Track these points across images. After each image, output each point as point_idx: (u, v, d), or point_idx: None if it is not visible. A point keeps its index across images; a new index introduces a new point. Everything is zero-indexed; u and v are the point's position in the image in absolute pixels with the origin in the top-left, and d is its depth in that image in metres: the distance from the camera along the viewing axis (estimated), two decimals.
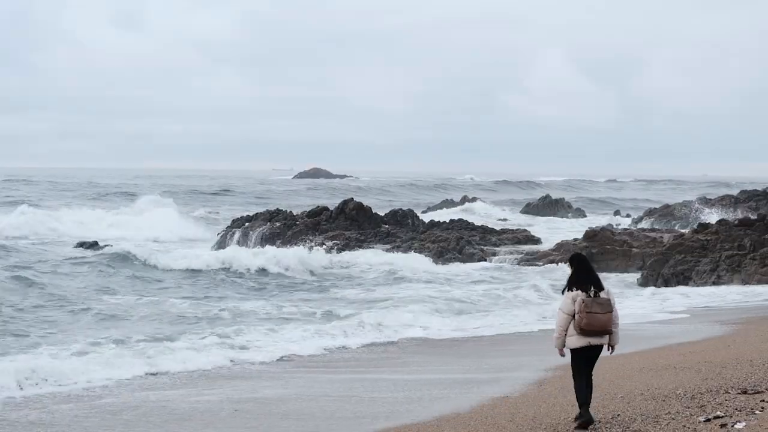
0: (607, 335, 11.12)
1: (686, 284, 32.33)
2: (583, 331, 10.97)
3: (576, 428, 11.22)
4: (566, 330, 11.08)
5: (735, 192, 62.87)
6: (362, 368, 17.39)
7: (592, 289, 11.09)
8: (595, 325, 10.94)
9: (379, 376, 16.41)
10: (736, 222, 37.23)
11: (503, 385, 14.82)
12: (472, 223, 46.52)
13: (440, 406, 13.33)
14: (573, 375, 11.33)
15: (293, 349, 19.16)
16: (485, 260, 38.52)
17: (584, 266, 11.33)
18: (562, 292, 11.32)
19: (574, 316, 11.01)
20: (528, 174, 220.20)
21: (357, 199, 48.62)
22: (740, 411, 11.50)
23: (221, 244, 43.35)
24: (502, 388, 14.47)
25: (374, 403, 13.81)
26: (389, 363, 18.01)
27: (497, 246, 41.75)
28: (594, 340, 11.06)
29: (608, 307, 11.03)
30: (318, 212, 45.61)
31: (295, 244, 40.35)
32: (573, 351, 11.19)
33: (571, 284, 11.19)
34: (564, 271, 28.80)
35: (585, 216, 70.88)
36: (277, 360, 18.31)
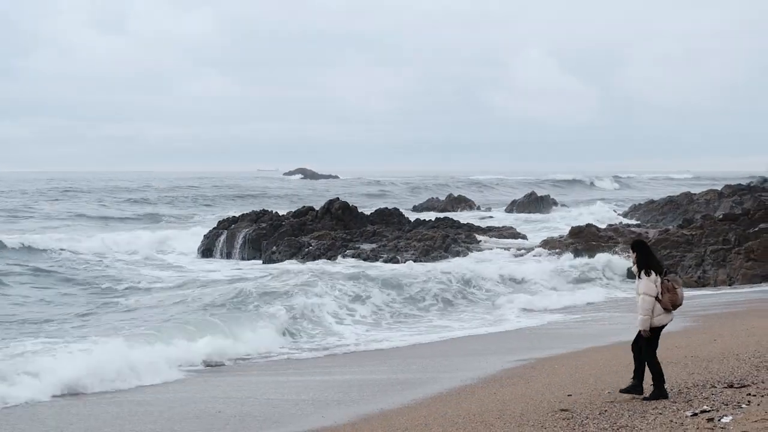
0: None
1: None
2: (673, 307, 12.06)
3: (621, 390, 12.40)
4: (652, 311, 11.99)
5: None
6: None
7: (664, 269, 12.19)
8: (680, 300, 12.10)
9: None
10: (721, 217, 37.39)
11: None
12: (458, 221, 46.56)
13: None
14: (650, 354, 12.15)
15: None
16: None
17: (648, 250, 12.29)
18: (638, 277, 12.12)
19: (658, 297, 11.96)
20: (523, 172, 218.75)
21: (342, 198, 48.61)
22: (727, 405, 11.54)
23: (208, 246, 43.29)
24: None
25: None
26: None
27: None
28: (671, 316, 12.21)
29: (681, 283, 12.29)
30: (304, 212, 45.57)
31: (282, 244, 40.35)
32: (656, 329, 12.13)
33: (647, 268, 12.07)
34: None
35: (570, 212, 71.04)
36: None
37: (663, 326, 12.22)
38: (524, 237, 44.31)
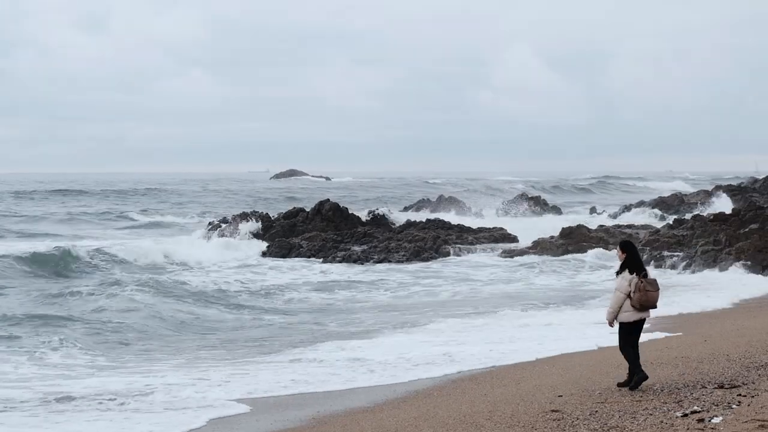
0: (652, 309, 12.99)
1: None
2: (641, 307, 12.80)
3: (630, 388, 12.84)
4: (621, 307, 12.83)
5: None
6: None
7: (641, 271, 12.84)
8: (649, 302, 12.82)
9: None
10: (711, 217, 37.42)
11: None
12: (449, 222, 46.55)
13: None
14: (622, 346, 13.01)
15: None
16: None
17: (635, 251, 13.12)
18: (617, 275, 13.03)
19: (629, 295, 12.76)
20: (517, 172, 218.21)
21: (333, 199, 48.60)
22: (717, 405, 11.52)
23: None
24: None
25: None
26: None
27: (474, 245, 41.81)
28: (643, 315, 12.92)
29: (657, 285, 12.93)
30: (294, 213, 45.54)
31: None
32: (626, 324, 12.93)
33: (626, 267, 12.90)
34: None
35: (561, 213, 71.02)
36: None
37: (632, 323, 12.89)
38: (515, 238, 44.26)
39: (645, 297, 12.75)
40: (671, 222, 40.32)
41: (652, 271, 13.94)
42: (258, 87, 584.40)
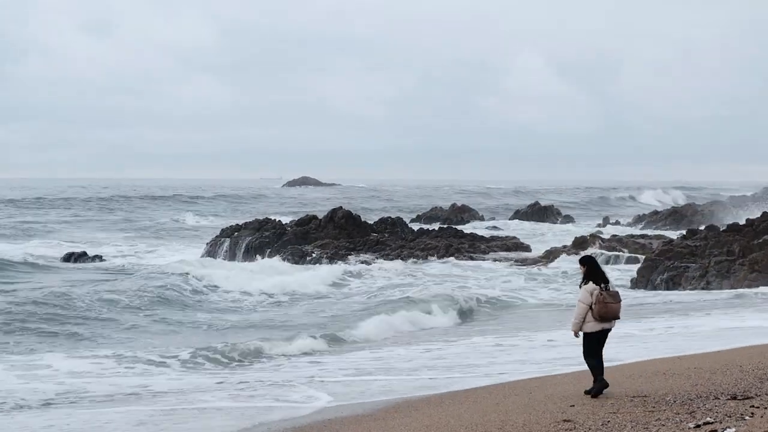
0: (616, 320, 13.31)
1: (676, 290, 32.36)
2: (601, 318, 13.12)
3: (592, 396, 13.18)
4: (584, 318, 13.17)
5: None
6: None
7: (602, 283, 13.17)
8: (610, 313, 13.14)
9: None
10: (725, 228, 37.30)
11: None
12: (461, 231, 46.56)
13: None
14: (585, 355, 13.41)
15: None
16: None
17: (594, 264, 13.51)
18: (580, 286, 13.37)
19: (591, 307, 13.10)
20: (525, 180, 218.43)
21: (345, 207, 48.65)
22: (730, 417, 11.47)
23: (211, 254, 43.30)
24: None
25: None
26: None
27: (486, 253, 41.78)
28: (606, 325, 13.27)
29: (618, 297, 13.28)
30: (307, 221, 45.61)
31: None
32: (589, 335, 13.29)
33: (587, 278, 13.26)
34: None
35: (573, 222, 70.96)
36: None
37: (597, 333, 13.26)
38: (527, 247, 44.25)
39: (605, 309, 13.06)
40: (684, 232, 40.20)
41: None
42: (265, 92, 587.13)
